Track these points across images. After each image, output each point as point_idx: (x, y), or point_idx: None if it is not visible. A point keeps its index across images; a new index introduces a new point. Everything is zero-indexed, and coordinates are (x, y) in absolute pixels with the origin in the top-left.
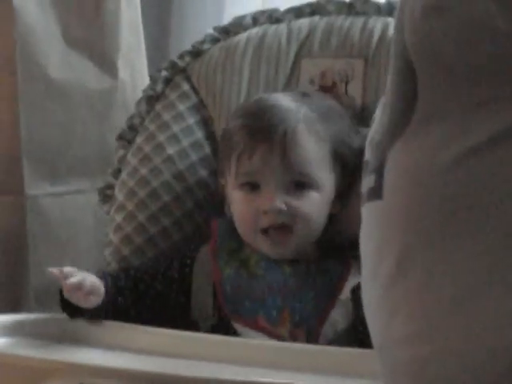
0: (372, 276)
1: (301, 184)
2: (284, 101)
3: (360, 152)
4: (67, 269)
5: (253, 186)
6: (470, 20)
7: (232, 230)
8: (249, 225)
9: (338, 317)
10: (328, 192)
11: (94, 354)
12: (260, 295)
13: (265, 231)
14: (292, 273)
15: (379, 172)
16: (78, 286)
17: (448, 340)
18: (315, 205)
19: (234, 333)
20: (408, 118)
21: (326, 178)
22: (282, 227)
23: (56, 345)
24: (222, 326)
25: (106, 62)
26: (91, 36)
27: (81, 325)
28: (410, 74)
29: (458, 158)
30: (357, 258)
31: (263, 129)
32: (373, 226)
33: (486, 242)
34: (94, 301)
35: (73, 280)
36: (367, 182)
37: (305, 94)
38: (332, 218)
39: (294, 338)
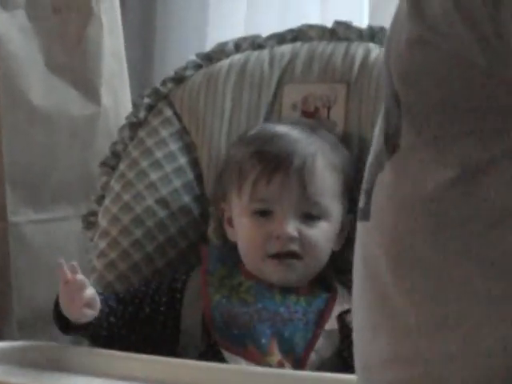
0: (359, 295)
1: (314, 215)
2: (293, 130)
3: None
4: (79, 276)
5: (265, 212)
6: (452, 56)
7: (223, 256)
8: (258, 249)
9: (324, 346)
10: (336, 224)
11: (77, 381)
12: (249, 322)
13: (274, 256)
14: (283, 301)
15: (368, 194)
16: (79, 296)
17: (428, 365)
18: (325, 235)
19: (222, 360)
20: (394, 144)
21: (336, 209)
22: (291, 254)
23: (39, 372)
24: (210, 353)
25: (88, 88)
26: (74, 63)
27: (64, 352)
28: (396, 101)
29: (438, 188)
30: (344, 283)
31: (280, 156)
32: (360, 246)
33: (466, 272)
34: (89, 315)
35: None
36: (360, 202)
37: (311, 126)
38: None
39: (281, 366)
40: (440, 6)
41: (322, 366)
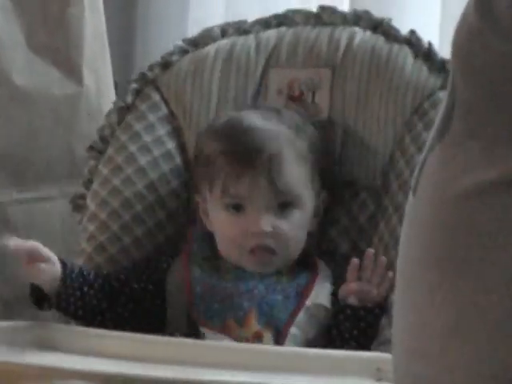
0: (400, 275)
1: (286, 204)
2: (258, 121)
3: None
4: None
5: (238, 207)
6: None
7: (206, 239)
8: (235, 244)
9: (308, 322)
10: (309, 210)
11: (64, 358)
12: (229, 296)
13: (251, 251)
14: (261, 281)
15: (419, 171)
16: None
17: (440, 360)
18: (299, 224)
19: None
20: (447, 127)
21: (308, 196)
22: (267, 249)
23: (27, 350)
24: (192, 335)
25: (70, 68)
26: (56, 43)
27: (50, 331)
28: (453, 93)
29: (473, 189)
30: (328, 263)
31: (247, 154)
32: (406, 220)
33: (482, 282)
34: (47, 269)
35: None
36: (414, 175)
37: (276, 111)
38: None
39: (259, 339)
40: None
41: (307, 345)
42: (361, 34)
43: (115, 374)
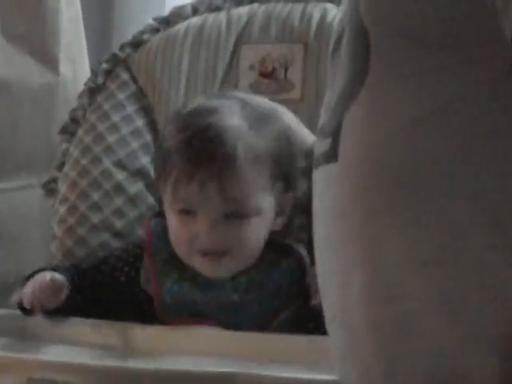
0: (326, 239)
1: (240, 211)
2: (222, 118)
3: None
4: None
5: (188, 212)
6: None
7: (166, 234)
8: (185, 246)
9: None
10: (268, 214)
11: (45, 349)
12: (200, 311)
13: (202, 253)
14: (234, 286)
15: (335, 136)
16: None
17: (407, 301)
18: (254, 231)
19: None
20: (362, 81)
21: (266, 202)
22: (216, 252)
23: (6, 341)
24: None
25: (47, 57)
26: (32, 32)
27: (34, 321)
28: (363, 40)
29: (409, 123)
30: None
31: (200, 156)
32: (327, 188)
33: (440, 207)
34: (59, 299)
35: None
36: (322, 146)
37: (243, 102)
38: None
39: None
40: None
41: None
42: (334, 11)
43: (91, 365)
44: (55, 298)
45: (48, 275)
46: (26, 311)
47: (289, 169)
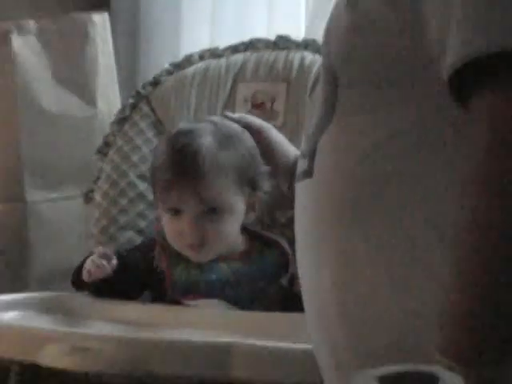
0: (305, 239)
1: (214, 210)
2: (192, 138)
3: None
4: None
5: (176, 211)
6: (379, 38)
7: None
8: (176, 240)
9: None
10: (239, 211)
11: (84, 324)
12: (203, 289)
13: (188, 246)
14: (227, 272)
15: (311, 157)
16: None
17: (365, 285)
18: (227, 224)
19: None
20: (331, 116)
21: (235, 200)
22: (194, 246)
23: (55, 317)
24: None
25: (87, 95)
26: (76, 76)
27: (76, 301)
28: (333, 82)
29: (366, 150)
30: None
31: (176, 172)
32: (305, 198)
33: (388, 218)
34: (111, 266)
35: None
36: (301, 165)
37: (214, 124)
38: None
39: None
40: None
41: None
42: (310, 57)
43: (120, 337)
44: (108, 266)
45: (101, 249)
46: (79, 286)
47: (253, 175)
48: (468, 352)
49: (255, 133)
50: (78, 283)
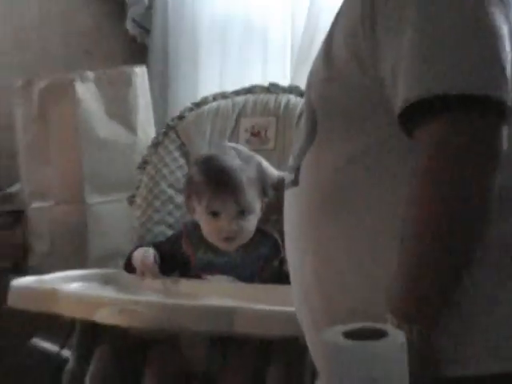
0: (292, 236)
1: (243, 211)
2: (225, 160)
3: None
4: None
5: (215, 213)
6: (346, 84)
7: (195, 225)
8: (213, 236)
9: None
10: (257, 212)
11: (131, 292)
12: (217, 268)
13: (224, 239)
14: (235, 256)
15: (297, 170)
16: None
17: (335, 267)
18: (251, 223)
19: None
20: (312, 140)
21: (257, 205)
22: (230, 238)
23: (109, 287)
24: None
25: (130, 126)
26: (122, 112)
27: (125, 276)
28: (313, 116)
29: (337, 167)
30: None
31: (220, 186)
32: (292, 201)
33: (357, 223)
34: (156, 264)
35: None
36: (289, 177)
37: (234, 148)
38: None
39: None
40: (340, 54)
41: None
42: (294, 99)
43: (157, 302)
44: (154, 266)
45: (145, 252)
46: (129, 271)
47: (264, 185)
48: (411, 313)
49: None
50: (128, 269)
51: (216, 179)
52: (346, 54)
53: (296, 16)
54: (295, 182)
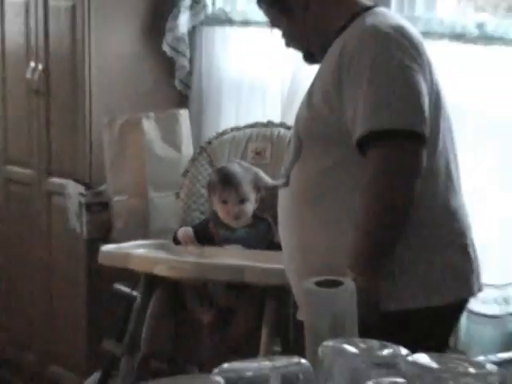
0: (284, 223)
1: (244, 200)
2: (231, 168)
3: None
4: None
5: (224, 201)
6: (319, 118)
7: (216, 215)
8: (225, 215)
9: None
10: (253, 201)
11: (178, 255)
12: (233, 241)
13: (233, 217)
14: (243, 232)
15: (287, 177)
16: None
17: (313, 239)
18: (249, 208)
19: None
20: (298, 157)
21: (252, 196)
22: (238, 216)
23: (161, 252)
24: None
25: (177, 147)
26: (172, 139)
27: (173, 245)
28: (299, 141)
29: (316, 173)
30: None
31: (227, 185)
32: (284, 196)
33: (328, 211)
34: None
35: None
36: (281, 180)
37: (238, 162)
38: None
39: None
40: (318, 103)
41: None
42: (283, 131)
43: (194, 261)
44: (193, 239)
45: (186, 230)
46: (176, 243)
47: (257, 184)
48: (359, 268)
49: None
50: (175, 242)
51: (224, 179)
52: (322, 103)
53: (285, 77)
54: (286, 184)
